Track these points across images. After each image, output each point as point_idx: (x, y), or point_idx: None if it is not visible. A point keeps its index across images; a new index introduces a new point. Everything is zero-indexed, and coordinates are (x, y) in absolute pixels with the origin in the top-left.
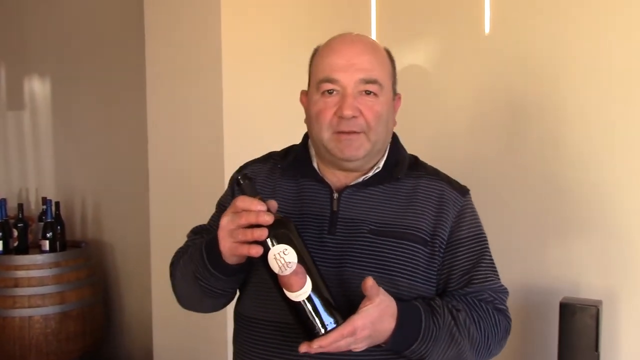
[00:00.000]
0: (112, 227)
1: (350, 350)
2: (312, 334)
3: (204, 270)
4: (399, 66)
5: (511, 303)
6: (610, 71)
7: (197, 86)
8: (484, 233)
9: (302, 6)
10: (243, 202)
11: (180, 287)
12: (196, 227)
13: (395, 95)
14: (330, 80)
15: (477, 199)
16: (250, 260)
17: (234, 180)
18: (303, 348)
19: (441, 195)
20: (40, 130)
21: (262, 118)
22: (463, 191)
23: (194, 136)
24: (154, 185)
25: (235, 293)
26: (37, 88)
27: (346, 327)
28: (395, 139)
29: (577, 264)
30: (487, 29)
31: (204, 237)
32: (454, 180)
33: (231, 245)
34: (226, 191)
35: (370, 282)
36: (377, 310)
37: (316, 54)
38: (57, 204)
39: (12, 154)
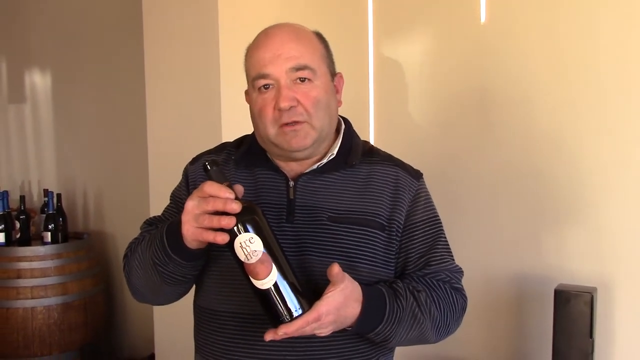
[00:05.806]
0: (113, 217)
1: (314, 335)
2: (278, 321)
3: (163, 255)
4: (395, 56)
5: (507, 291)
6: (607, 62)
7: (196, 78)
8: (438, 216)
9: None
10: (211, 187)
11: (136, 277)
12: (150, 218)
13: (335, 75)
14: (262, 76)
15: (476, 189)
16: (209, 248)
17: (202, 167)
18: (269, 336)
19: (396, 180)
20: (42, 123)
21: None
22: (417, 175)
23: (193, 127)
24: (154, 175)
25: (194, 280)
26: (38, 81)
27: (311, 314)
28: (348, 125)
29: (571, 252)
30: (482, 18)
31: (159, 228)
32: (408, 165)
33: (195, 230)
34: (180, 182)
35: (336, 269)
36: (342, 296)
37: (247, 53)
38: (59, 195)
39: (13, 147)
